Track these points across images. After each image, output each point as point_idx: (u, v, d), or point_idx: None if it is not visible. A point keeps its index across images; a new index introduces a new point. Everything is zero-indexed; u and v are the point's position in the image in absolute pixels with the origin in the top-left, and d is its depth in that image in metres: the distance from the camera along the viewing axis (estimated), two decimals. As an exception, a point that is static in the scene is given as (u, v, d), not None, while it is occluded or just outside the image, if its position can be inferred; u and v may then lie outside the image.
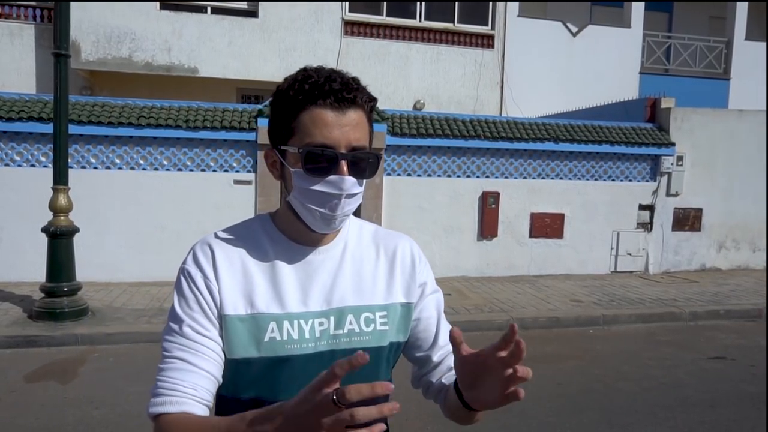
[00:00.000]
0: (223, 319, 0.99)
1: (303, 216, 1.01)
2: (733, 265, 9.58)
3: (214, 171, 7.68)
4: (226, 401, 1.04)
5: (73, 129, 6.76)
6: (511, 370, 0.82)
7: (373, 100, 1.01)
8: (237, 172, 7.73)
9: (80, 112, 7.14)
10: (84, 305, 5.89)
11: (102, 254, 7.27)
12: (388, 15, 12.32)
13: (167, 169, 7.53)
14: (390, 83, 12.34)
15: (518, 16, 13.05)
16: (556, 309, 6.76)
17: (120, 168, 7.40)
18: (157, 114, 7.44)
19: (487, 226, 8.40)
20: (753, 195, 9.50)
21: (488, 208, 8.37)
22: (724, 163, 9.36)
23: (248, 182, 7.74)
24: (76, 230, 5.91)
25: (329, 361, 0.99)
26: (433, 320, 1.17)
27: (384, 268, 1.12)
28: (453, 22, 12.66)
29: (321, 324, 1.02)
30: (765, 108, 10.27)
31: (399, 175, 8.17)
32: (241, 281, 1.01)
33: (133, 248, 7.44)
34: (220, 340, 0.99)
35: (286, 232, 1.07)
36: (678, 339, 5.98)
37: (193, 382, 0.94)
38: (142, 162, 7.45)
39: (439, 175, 8.29)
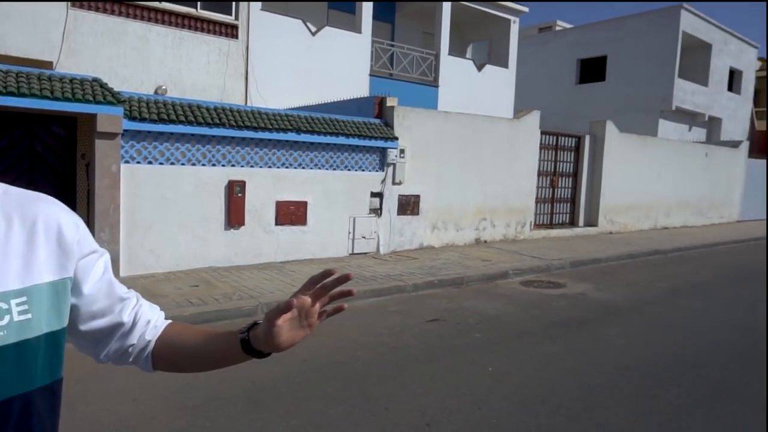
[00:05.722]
0: None
1: None
2: (443, 243, 11.42)
3: None
4: None
5: None
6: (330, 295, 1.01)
7: None
8: None
9: None
10: None
11: None
12: (123, -10, 11.25)
13: None
14: (128, 65, 11.34)
15: (261, 9, 13.20)
16: (302, 291, 7.19)
17: None
18: None
19: (234, 215, 8.45)
20: (456, 184, 11.47)
21: (235, 197, 8.41)
22: (434, 156, 11.06)
23: None
24: None
25: None
26: (111, 280, 1.04)
27: (19, 241, 0.87)
28: (196, 7, 12.19)
29: None
30: (470, 112, 12.43)
31: (139, 162, 7.65)
32: None
33: None
34: None
35: None
36: (404, 308, 6.97)
37: None
38: None
39: (183, 164, 8.01)
